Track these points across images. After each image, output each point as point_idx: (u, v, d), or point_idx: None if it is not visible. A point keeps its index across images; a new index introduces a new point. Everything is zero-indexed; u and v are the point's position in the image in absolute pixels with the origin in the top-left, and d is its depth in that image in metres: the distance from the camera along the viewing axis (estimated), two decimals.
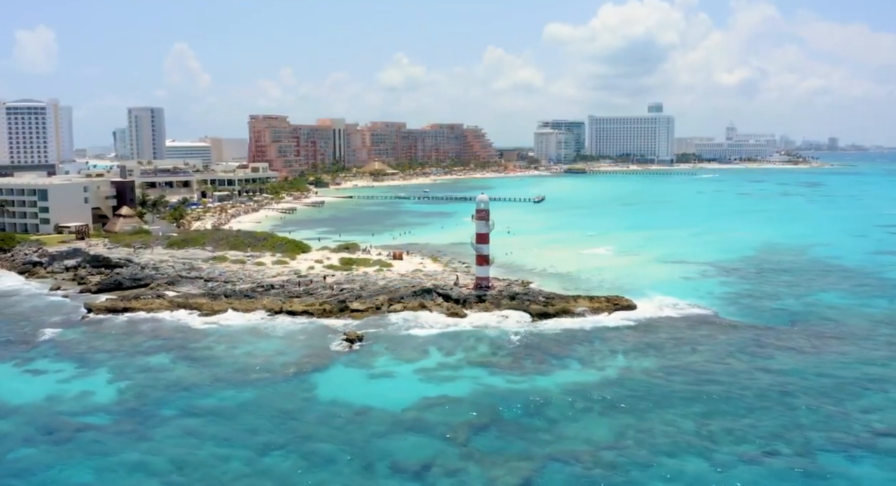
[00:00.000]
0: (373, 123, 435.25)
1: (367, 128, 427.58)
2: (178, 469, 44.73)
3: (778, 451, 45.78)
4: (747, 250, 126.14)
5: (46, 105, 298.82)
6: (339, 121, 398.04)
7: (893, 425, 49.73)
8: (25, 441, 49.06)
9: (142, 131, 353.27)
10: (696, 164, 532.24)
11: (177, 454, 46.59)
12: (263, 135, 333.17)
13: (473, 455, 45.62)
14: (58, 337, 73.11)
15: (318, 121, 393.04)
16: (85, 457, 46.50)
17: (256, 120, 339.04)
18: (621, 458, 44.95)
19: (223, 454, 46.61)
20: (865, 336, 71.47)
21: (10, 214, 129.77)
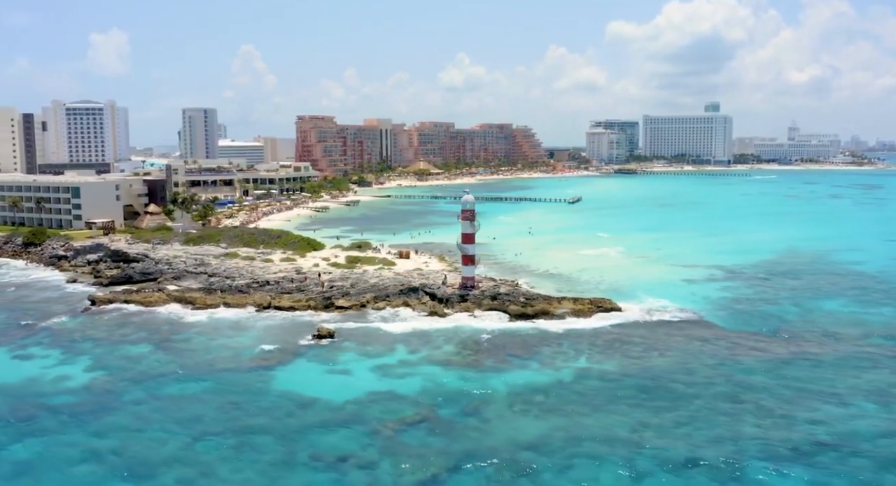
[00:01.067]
0: (421, 123, 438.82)
1: (414, 128, 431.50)
2: (113, 451, 47.41)
3: (703, 459, 44.99)
4: (766, 254, 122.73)
5: (104, 106, 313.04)
6: (386, 121, 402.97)
7: (838, 437, 47.96)
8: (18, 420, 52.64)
9: (195, 131, 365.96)
10: (753, 165, 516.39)
11: (119, 437, 49.36)
12: (309, 135, 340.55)
13: (392, 450, 46.69)
14: (56, 326, 77.57)
15: (366, 121, 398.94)
16: (34, 435, 49.82)
17: (303, 120, 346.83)
18: (539, 460, 45.17)
19: (161, 439, 49.08)
20: (851, 345, 69.01)
21: (48, 210, 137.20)
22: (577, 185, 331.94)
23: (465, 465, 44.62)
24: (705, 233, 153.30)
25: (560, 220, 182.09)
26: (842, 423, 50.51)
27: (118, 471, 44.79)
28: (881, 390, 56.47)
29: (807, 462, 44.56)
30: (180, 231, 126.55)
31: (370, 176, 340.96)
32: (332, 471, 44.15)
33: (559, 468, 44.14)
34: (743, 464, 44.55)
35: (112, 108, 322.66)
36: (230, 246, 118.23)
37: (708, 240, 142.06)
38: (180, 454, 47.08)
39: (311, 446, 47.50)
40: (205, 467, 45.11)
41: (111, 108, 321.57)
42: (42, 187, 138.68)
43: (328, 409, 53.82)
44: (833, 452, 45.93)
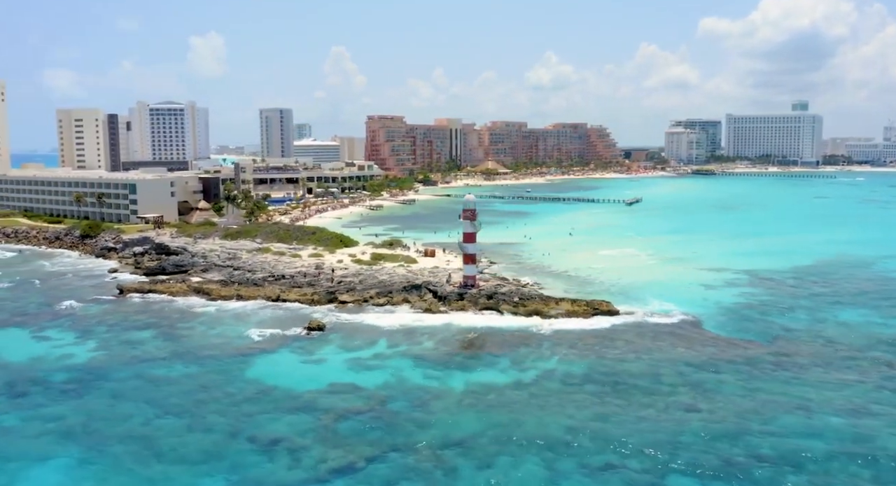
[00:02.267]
0: (492, 123, 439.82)
1: (485, 127, 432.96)
2: (82, 424, 51.98)
3: (625, 466, 44.48)
4: (807, 259, 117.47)
5: (185, 107, 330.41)
6: (456, 121, 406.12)
7: (783, 453, 45.92)
8: (12, 390, 58.51)
9: (271, 130, 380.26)
10: (843, 166, 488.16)
11: (91, 411, 54.02)
12: (378, 134, 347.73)
13: (326, 437, 48.77)
14: (80, 311, 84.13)
15: (436, 121, 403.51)
16: (21, 408, 55.23)
17: (372, 120, 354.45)
18: (462, 456, 46.03)
19: (127, 414, 53.29)
20: (846, 357, 65.67)
21: (107, 205, 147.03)
22: (646, 186, 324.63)
23: (388, 456, 46.15)
24: (750, 236, 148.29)
25: (607, 221, 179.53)
26: (795, 438, 48.33)
27: (76, 440, 49.16)
28: (856, 407, 53.66)
29: (732, 478, 43.02)
30: (222, 226, 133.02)
31: (436, 175, 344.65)
32: (261, 453, 46.68)
33: (477, 465, 44.92)
34: (663, 474, 43.66)
35: (192, 108, 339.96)
36: (265, 241, 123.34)
37: (749, 243, 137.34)
38: (137, 428, 50.98)
39: (255, 429, 50.22)
40: (152, 441, 48.67)
41: (192, 108, 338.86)
42: (102, 184, 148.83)
43: (287, 397, 56.47)
44: (768, 468, 44.09)
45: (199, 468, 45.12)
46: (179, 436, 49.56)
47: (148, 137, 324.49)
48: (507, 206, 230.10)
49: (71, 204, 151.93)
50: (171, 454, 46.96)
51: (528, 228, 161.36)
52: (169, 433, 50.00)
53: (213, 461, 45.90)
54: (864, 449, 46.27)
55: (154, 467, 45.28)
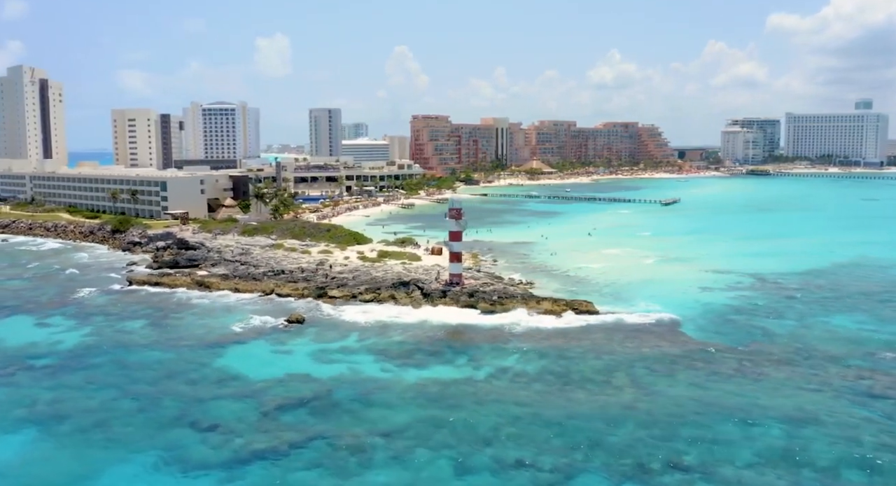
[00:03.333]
0: (540, 122, 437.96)
1: (533, 127, 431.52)
2: (49, 402, 56.26)
3: (536, 464, 44.81)
4: (821, 262, 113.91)
5: (236, 107, 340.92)
6: (503, 120, 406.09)
7: (706, 461, 45.29)
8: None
9: (320, 130, 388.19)
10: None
11: (62, 391, 58.21)
12: (421, 134, 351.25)
13: (260, 423, 51.26)
14: (87, 300, 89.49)
15: (482, 120, 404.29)
16: (2, 387, 59.16)
17: (416, 120, 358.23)
18: (380, 448, 47.21)
19: (92, 395, 57.32)
20: (816, 366, 63.44)
21: (140, 201, 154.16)
22: (692, 186, 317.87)
23: (311, 442, 48.19)
24: (772, 237, 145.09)
25: (632, 221, 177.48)
26: (723, 445, 47.53)
27: (37, 419, 53.12)
28: (805, 415, 52.18)
29: (639, 483, 42.88)
30: (242, 223, 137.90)
31: (478, 175, 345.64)
32: (197, 435, 49.48)
33: (393, 456, 46.30)
34: (571, 474, 43.85)
35: (244, 108, 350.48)
36: (279, 238, 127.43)
37: (767, 244, 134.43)
38: (96, 407, 54.84)
39: (201, 413, 53.12)
40: (105, 421, 52.20)
41: (243, 108, 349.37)
42: (137, 181, 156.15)
43: (242, 384, 59.28)
44: (679, 475, 43.73)
45: (136, 445, 48.20)
46: (131, 417, 52.89)
47: (200, 136, 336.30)
48: (540, 205, 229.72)
49: (108, 200, 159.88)
50: (118, 432, 50.22)
51: (549, 228, 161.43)
52: (123, 414, 53.40)
53: (152, 440, 48.85)
54: (790, 461, 45.19)
55: (97, 444, 48.61)
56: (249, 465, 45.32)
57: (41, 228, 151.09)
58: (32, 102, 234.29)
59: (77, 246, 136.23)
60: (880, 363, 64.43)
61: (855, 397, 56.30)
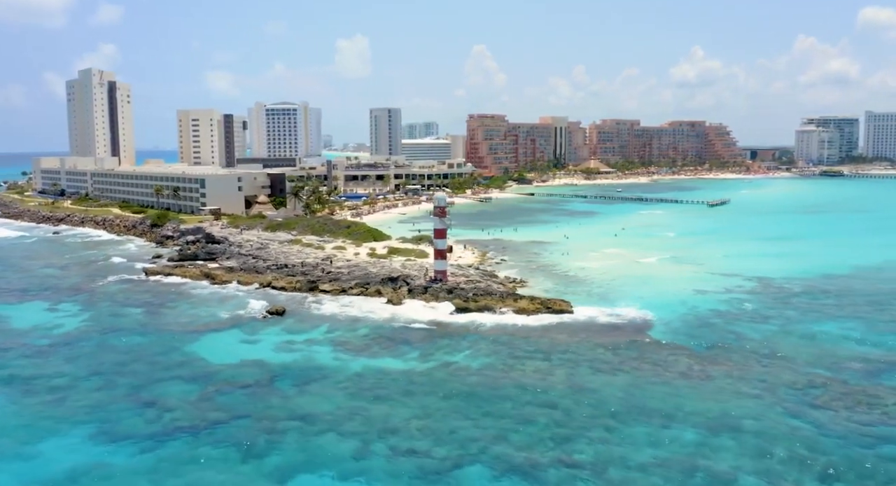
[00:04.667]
0: (602, 121, 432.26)
1: (594, 126, 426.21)
2: (26, 378, 61.81)
3: (430, 454, 46.27)
4: (841, 267, 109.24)
5: (298, 107, 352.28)
6: (562, 119, 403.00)
7: (600, 460, 45.45)
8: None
9: (380, 129, 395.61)
10: None
11: (36, 370, 63.75)
12: (476, 133, 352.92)
13: (195, 403, 55.02)
14: (102, 289, 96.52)
15: (540, 119, 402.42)
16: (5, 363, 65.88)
17: (472, 119, 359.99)
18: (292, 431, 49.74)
19: (62, 373, 62.81)
20: (769, 373, 61.81)
21: (182, 197, 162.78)
22: (754, 187, 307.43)
23: (232, 422, 51.50)
24: (802, 239, 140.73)
25: (666, 222, 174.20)
26: (626, 447, 47.48)
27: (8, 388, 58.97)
28: (728, 421, 51.31)
29: (523, 478, 43.43)
30: (268, 218, 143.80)
31: (532, 174, 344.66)
32: (135, 411, 53.70)
33: (298, 438, 48.84)
34: (458, 465, 44.89)
35: (305, 108, 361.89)
36: (300, 234, 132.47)
37: (791, 246, 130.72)
38: (63, 383, 60.34)
39: (148, 392, 57.53)
40: (65, 394, 57.60)
41: (304, 109, 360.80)
42: (179, 178, 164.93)
43: (197, 367, 63.45)
44: (567, 471, 44.19)
45: (81, 417, 52.85)
46: (88, 392, 57.80)
47: (264, 135, 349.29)
48: (582, 205, 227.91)
49: (150, 196, 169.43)
50: (71, 406, 55.12)
51: (579, 228, 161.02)
52: (82, 390, 58.42)
53: (96, 413, 53.39)
54: (684, 466, 44.75)
55: (49, 415, 53.46)
56: (169, 439, 48.99)
57: (91, 221, 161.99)
58: (101, 103, 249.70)
59: (118, 239, 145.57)
60: (841, 373, 62.26)
61: (794, 405, 54.80)
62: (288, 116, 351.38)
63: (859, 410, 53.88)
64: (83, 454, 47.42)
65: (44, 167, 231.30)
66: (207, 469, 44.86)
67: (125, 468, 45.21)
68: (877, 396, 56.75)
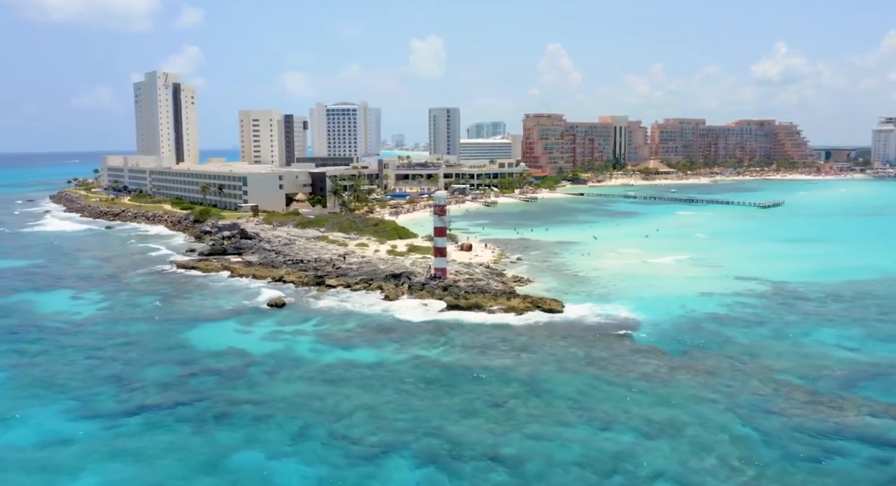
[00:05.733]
0: (665, 120, 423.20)
1: (656, 125, 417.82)
2: (29, 355, 67.81)
3: (360, 441, 48.31)
4: (869, 274, 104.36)
5: (357, 107, 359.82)
6: (622, 118, 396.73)
7: (518, 456, 46.16)
8: (7, 329, 77.17)
9: (438, 129, 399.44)
10: None
11: (43, 350, 69.52)
12: (532, 132, 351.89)
13: (166, 384, 59.05)
14: (129, 279, 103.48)
15: (600, 118, 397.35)
16: (12, 342, 72.41)
17: (528, 118, 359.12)
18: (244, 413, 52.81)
19: (63, 355, 68.30)
20: (735, 379, 60.76)
21: (226, 195, 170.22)
22: (818, 188, 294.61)
23: (195, 402, 55.12)
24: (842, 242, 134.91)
25: (704, 223, 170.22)
26: (555, 444, 48.00)
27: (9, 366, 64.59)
28: (670, 426, 50.76)
29: (444, 469, 44.67)
30: (302, 215, 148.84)
31: (588, 174, 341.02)
32: (113, 389, 58.19)
33: (248, 419, 51.87)
34: (380, 455, 46.50)
35: (364, 109, 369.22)
36: (328, 231, 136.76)
37: (826, 249, 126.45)
38: (59, 363, 65.60)
39: (130, 373, 62.03)
40: (57, 373, 62.75)
41: (364, 109, 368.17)
42: (224, 176, 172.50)
43: (183, 353, 67.67)
44: (486, 464, 45.20)
45: (63, 394, 57.66)
46: (77, 373, 62.78)
47: (324, 134, 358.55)
48: (627, 206, 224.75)
49: (197, 193, 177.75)
50: (57, 384, 60.07)
51: (615, 229, 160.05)
52: (73, 370, 63.49)
53: (77, 391, 58.09)
54: (605, 466, 45.03)
55: (35, 392, 58.48)
56: (133, 415, 53.02)
57: (143, 217, 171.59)
58: (166, 104, 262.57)
59: (163, 234, 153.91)
60: (816, 381, 60.32)
61: (748, 412, 53.37)
62: (347, 116, 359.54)
63: (815, 419, 52.47)
64: (54, 425, 51.98)
65: (110, 165, 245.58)
66: (156, 444, 48.36)
67: (85, 440, 49.36)
68: (840, 406, 55.05)
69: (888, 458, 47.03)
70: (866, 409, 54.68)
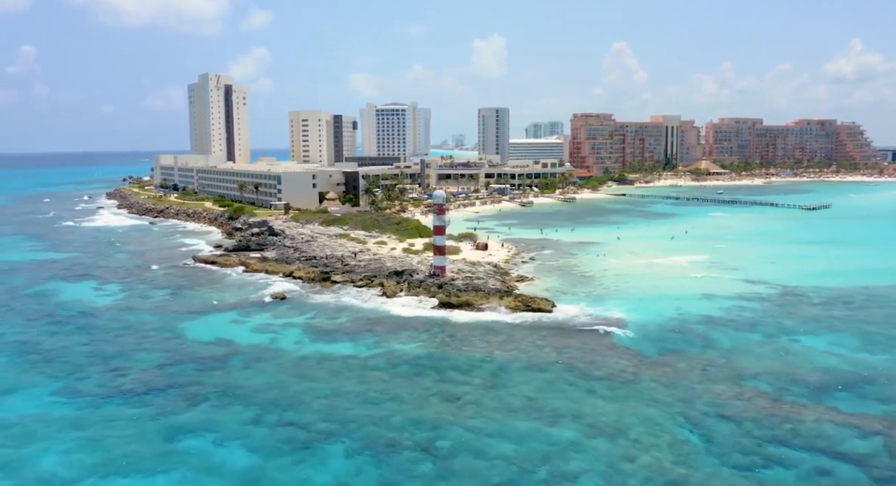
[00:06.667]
0: (720, 120, 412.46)
1: (710, 125, 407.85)
2: (38, 339, 73.13)
3: (307, 427, 50.63)
4: (888, 279, 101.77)
5: (406, 108, 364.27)
6: (674, 118, 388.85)
7: (453, 449, 47.87)
8: (27, 316, 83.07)
9: (487, 129, 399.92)
10: None
11: (51, 334, 74.92)
12: (579, 132, 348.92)
13: (149, 371, 62.68)
14: (150, 273, 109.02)
15: (651, 117, 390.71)
16: (29, 324, 78.64)
17: (576, 118, 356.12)
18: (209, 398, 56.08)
19: (70, 339, 73.20)
20: (705, 381, 59.90)
21: (262, 193, 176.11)
22: (874, 191, 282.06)
23: (167, 388, 58.47)
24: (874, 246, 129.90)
25: (741, 226, 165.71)
26: (493, 439, 48.96)
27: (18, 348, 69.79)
28: (619, 426, 50.96)
29: (381, 457, 46.38)
30: (330, 213, 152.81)
31: (636, 175, 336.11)
32: (100, 373, 62.36)
33: (210, 405, 54.89)
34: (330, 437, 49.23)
35: (413, 109, 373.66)
36: (351, 229, 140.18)
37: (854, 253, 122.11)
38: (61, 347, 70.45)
39: (122, 359, 66.16)
40: (56, 356, 67.70)
41: (413, 109, 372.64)
42: (260, 175, 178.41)
43: (174, 342, 71.45)
44: (420, 454, 46.68)
45: (54, 375, 62.25)
46: (74, 357, 67.30)
47: (374, 135, 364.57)
48: (666, 207, 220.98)
49: (235, 190, 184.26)
50: (53, 366, 64.75)
51: (644, 229, 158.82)
52: (71, 355, 68.08)
53: (69, 374, 62.46)
54: (534, 463, 45.73)
55: (31, 372, 63.44)
56: (109, 397, 56.94)
57: (184, 214, 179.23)
58: (217, 105, 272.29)
59: (200, 230, 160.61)
60: (786, 388, 58.69)
61: (699, 416, 52.55)
62: (396, 116, 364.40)
63: (767, 426, 51.43)
64: (38, 401, 56.54)
65: (162, 164, 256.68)
66: (119, 424, 51.87)
67: (60, 416, 53.45)
68: (799, 414, 53.79)
69: (829, 469, 46.07)
70: (827, 418, 53.48)
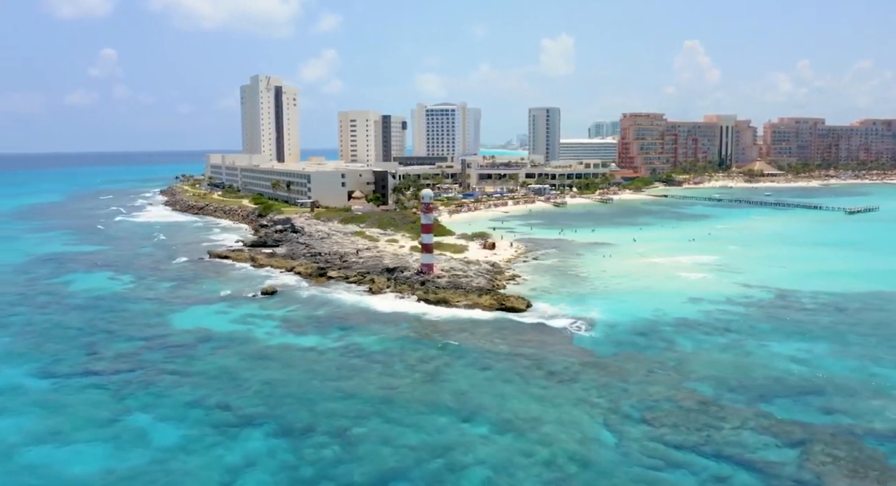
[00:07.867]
0: (779, 119, 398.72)
1: (768, 125, 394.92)
2: (36, 322, 79.72)
3: (241, 411, 53.98)
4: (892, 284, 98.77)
5: (456, 108, 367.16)
6: (729, 117, 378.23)
7: (366, 435, 49.85)
8: (37, 303, 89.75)
9: (537, 129, 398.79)
10: None
11: (52, 318, 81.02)
12: (628, 132, 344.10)
13: (123, 355, 67.44)
14: (164, 265, 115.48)
15: (705, 117, 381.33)
16: (36, 310, 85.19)
17: (625, 118, 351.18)
18: (171, 383, 60.09)
19: (67, 323, 79.28)
20: (645, 382, 59.78)
21: (293, 191, 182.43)
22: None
23: (134, 370, 63.04)
24: None
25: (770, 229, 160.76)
26: (406, 430, 50.78)
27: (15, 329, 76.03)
28: (532, 425, 51.82)
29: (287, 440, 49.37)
30: (352, 211, 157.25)
31: (686, 176, 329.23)
32: (80, 356, 67.50)
33: (169, 386, 58.92)
34: (256, 422, 52.06)
35: (463, 109, 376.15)
36: (367, 227, 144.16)
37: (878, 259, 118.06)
38: (55, 331, 76.57)
39: (105, 343, 71.43)
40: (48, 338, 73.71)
41: (462, 109, 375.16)
42: (290, 174, 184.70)
43: (157, 330, 76.31)
44: (328, 439, 49.11)
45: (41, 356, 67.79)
46: (64, 340, 73.03)
47: (423, 135, 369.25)
48: (702, 208, 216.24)
49: (269, 189, 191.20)
50: (43, 347, 70.55)
51: (670, 231, 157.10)
52: (62, 337, 73.93)
53: (54, 355, 68.00)
54: (433, 453, 47.29)
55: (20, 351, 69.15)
56: (76, 377, 62.01)
57: (220, 210, 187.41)
58: (268, 105, 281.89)
59: (232, 226, 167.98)
60: (727, 393, 57.53)
61: (618, 419, 52.77)
62: (446, 117, 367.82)
63: (683, 430, 50.84)
64: (12, 379, 61.83)
65: (212, 163, 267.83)
66: (78, 401, 56.59)
67: (28, 392, 58.74)
68: (722, 420, 52.91)
69: (726, 476, 45.71)
70: (752, 424, 52.86)
